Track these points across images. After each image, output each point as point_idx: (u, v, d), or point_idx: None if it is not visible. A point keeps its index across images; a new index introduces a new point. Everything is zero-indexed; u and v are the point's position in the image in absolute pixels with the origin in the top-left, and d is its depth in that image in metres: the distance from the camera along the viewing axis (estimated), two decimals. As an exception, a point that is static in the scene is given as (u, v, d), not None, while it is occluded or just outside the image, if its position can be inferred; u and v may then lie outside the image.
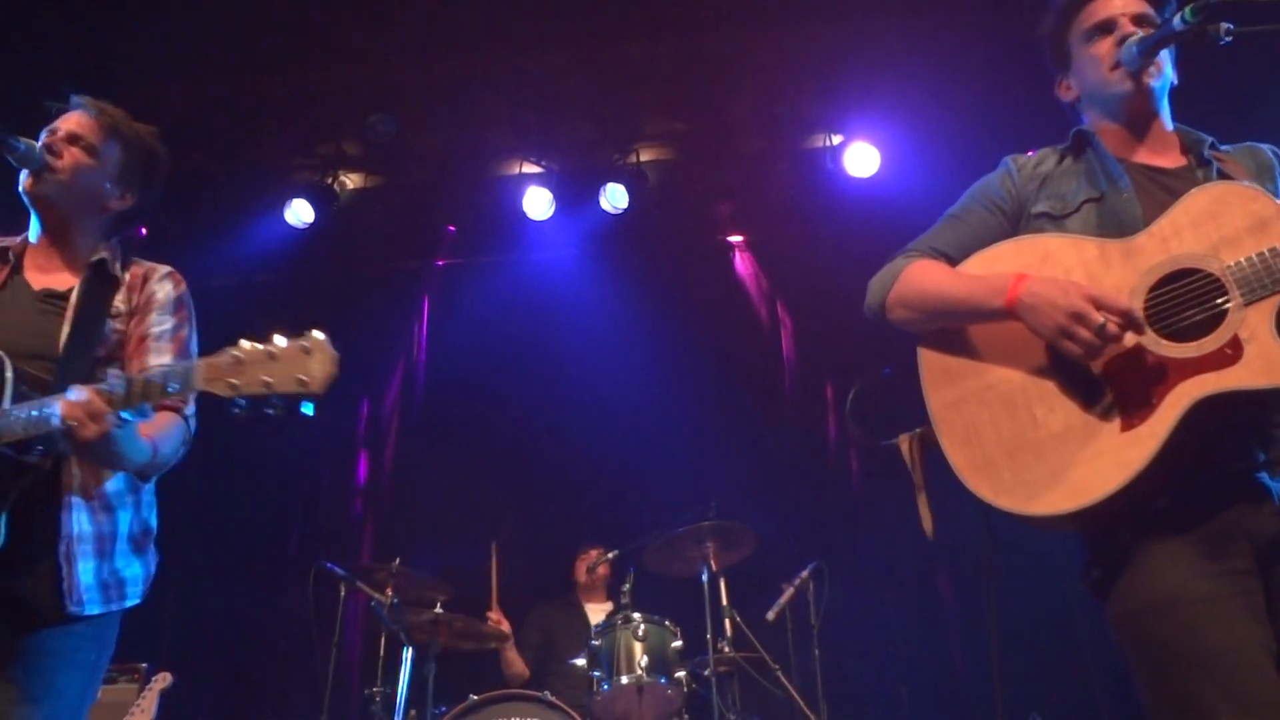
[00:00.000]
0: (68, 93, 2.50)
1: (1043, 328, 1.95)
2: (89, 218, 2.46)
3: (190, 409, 2.31)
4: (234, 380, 1.85)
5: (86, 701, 2.21)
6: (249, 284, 6.93)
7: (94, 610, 2.17)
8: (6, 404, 2.07)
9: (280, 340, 1.86)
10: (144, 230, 6.57)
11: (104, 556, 2.21)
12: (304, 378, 1.83)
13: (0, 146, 2.28)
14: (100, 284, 2.39)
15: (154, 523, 2.39)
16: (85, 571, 2.16)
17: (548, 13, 5.90)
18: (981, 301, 2.06)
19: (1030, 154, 2.33)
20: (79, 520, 2.18)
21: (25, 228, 2.51)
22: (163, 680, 4.56)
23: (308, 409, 1.86)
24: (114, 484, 2.26)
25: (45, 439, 2.03)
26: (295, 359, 1.84)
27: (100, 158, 2.43)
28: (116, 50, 5.72)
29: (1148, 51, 2.11)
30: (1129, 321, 1.89)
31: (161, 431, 2.22)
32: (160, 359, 2.32)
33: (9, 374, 2.11)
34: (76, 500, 2.18)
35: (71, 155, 2.39)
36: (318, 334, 1.87)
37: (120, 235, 2.56)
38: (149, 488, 2.38)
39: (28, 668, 2.08)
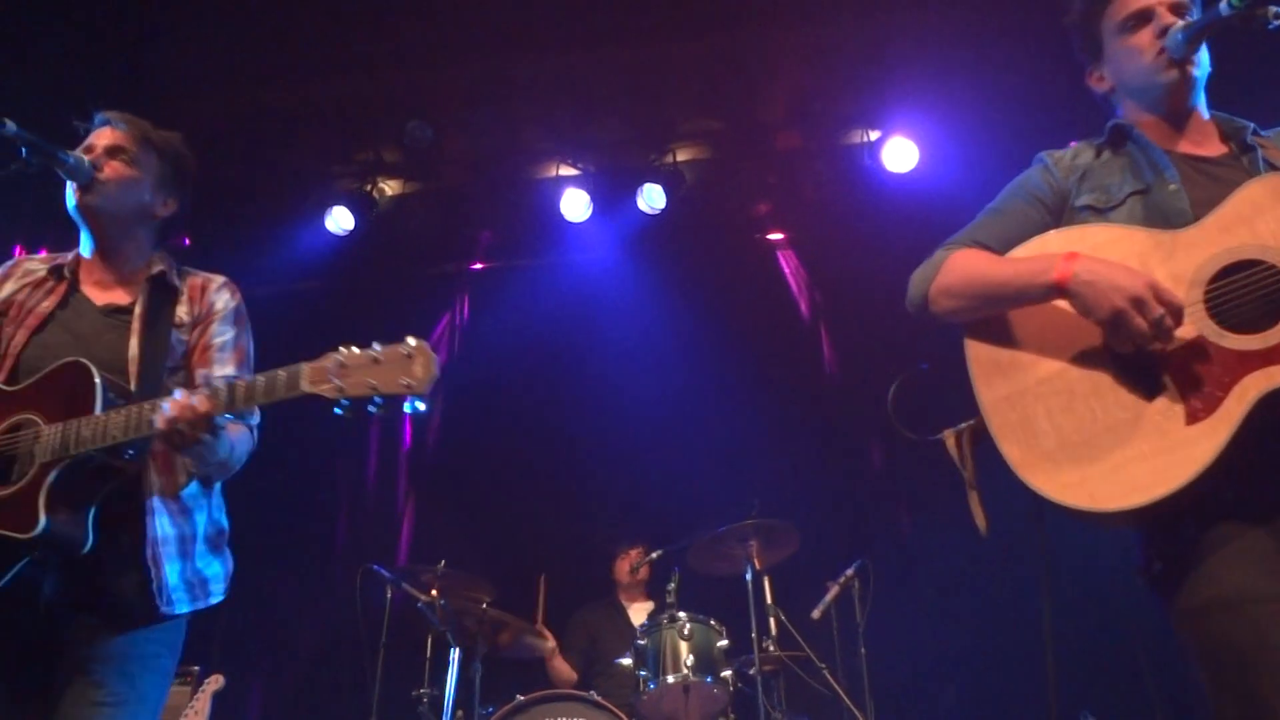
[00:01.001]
0: (92, 111, 2.56)
1: (1097, 307, 1.89)
2: (138, 227, 2.52)
3: (255, 419, 2.40)
4: (339, 383, 1.97)
5: (161, 705, 2.29)
6: (292, 292, 7.01)
7: (183, 609, 2.27)
8: (99, 411, 2.14)
9: (379, 346, 1.99)
10: (187, 240, 6.68)
11: (186, 557, 2.29)
12: (408, 380, 1.95)
13: (50, 160, 2.32)
14: (162, 296, 2.45)
15: (225, 523, 2.46)
16: (171, 572, 2.24)
17: (581, 15, 5.92)
18: (1029, 280, 2.01)
19: (1063, 149, 2.28)
20: (161, 524, 2.25)
21: (63, 246, 2.57)
22: (215, 683, 4.63)
23: (415, 407, 1.98)
24: (188, 488, 2.33)
25: (138, 442, 2.13)
26: (398, 363, 1.96)
27: (141, 167, 2.49)
28: (155, 63, 5.82)
29: (1193, 39, 2.07)
30: (1179, 321, 1.85)
31: (236, 435, 2.31)
32: (224, 369, 2.41)
33: (97, 381, 2.17)
34: (158, 504, 2.26)
35: (114, 168, 2.44)
36: (415, 340, 1.99)
37: (167, 243, 2.62)
38: (218, 489, 2.45)
39: (115, 671, 2.15)
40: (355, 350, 1.99)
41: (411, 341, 1.98)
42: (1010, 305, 2.08)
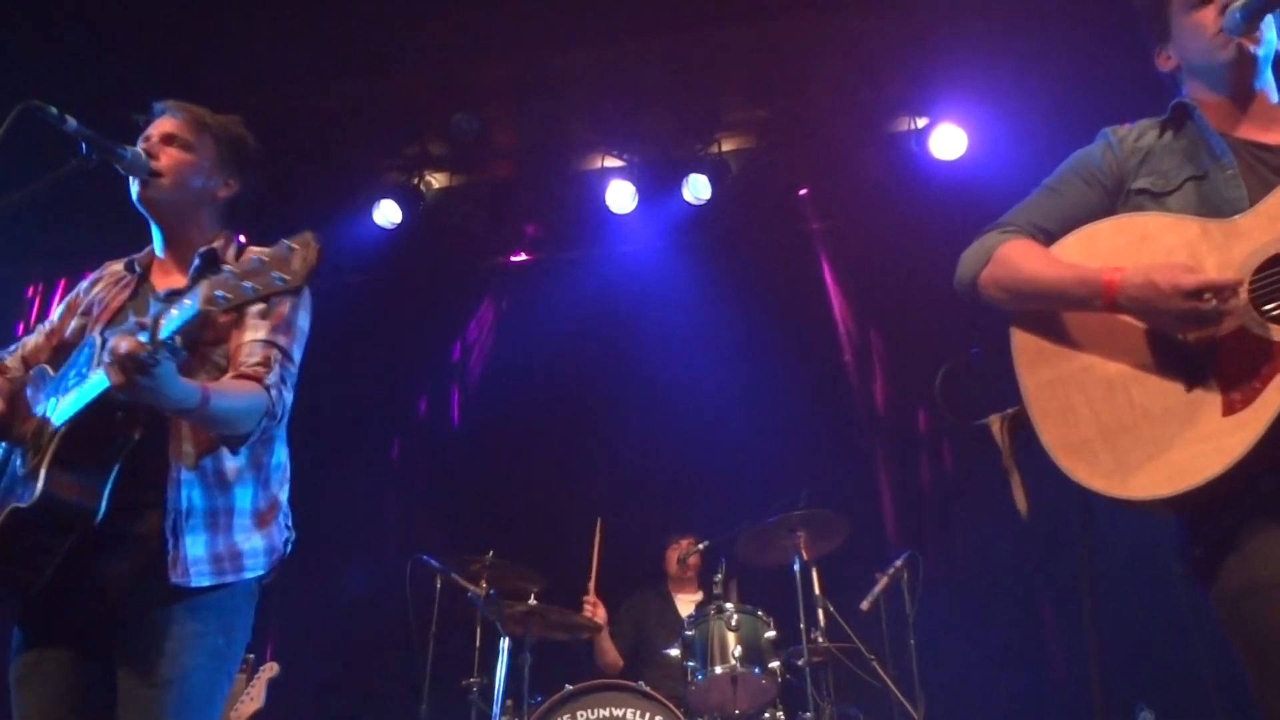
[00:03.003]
0: (149, 103, 2.60)
1: (1163, 326, 1.91)
2: (202, 211, 2.55)
3: (272, 378, 2.30)
4: (225, 294, 1.89)
5: (220, 687, 2.25)
6: (343, 285, 7.10)
7: (204, 582, 2.19)
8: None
9: (270, 249, 1.91)
10: (242, 238, 6.79)
11: (218, 529, 2.25)
12: (285, 275, 1.88)
13: (108, 156, 2.35)
14: (209, 271, 2.39)
15: (284, 498, 2.43)
16: (195, 545, 2.19)
17: (626, 6, 5.92)
18: (1080, 300, 2.02)
19: (1129, 125, 2.25)
20: (188, 495, 2.21)
21: (135, 246, 2.61)
22: (270, 670, 4.68)
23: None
24: (233, 461, 2.29)
25: (104, 399, 2.06)
26: (280, 261, 1.89)
27: (196, 151, 2.52)
28: (204, 58, 5.89)
29: (1252, 16, 2.03)
30: (1234, 293, 1.84)
31: (224, 388, 2.22)
32: (256, 334, 2.36)
33: (99, 347, 2.14)
34: (187, 476, 2.22)
35: (169, 155, 2.48)
36: (308, 234, 1.92)
37: (238, 221, 2.64)
38: (276, 464, 2.42)
39: (157, 651, 2.14)
40: (250, 256, 1.92)
41: (305, 236, 1.91)
42: (1060, 308, 2.09)
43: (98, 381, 2.06)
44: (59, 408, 2.17)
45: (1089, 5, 5.37)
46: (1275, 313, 1.84)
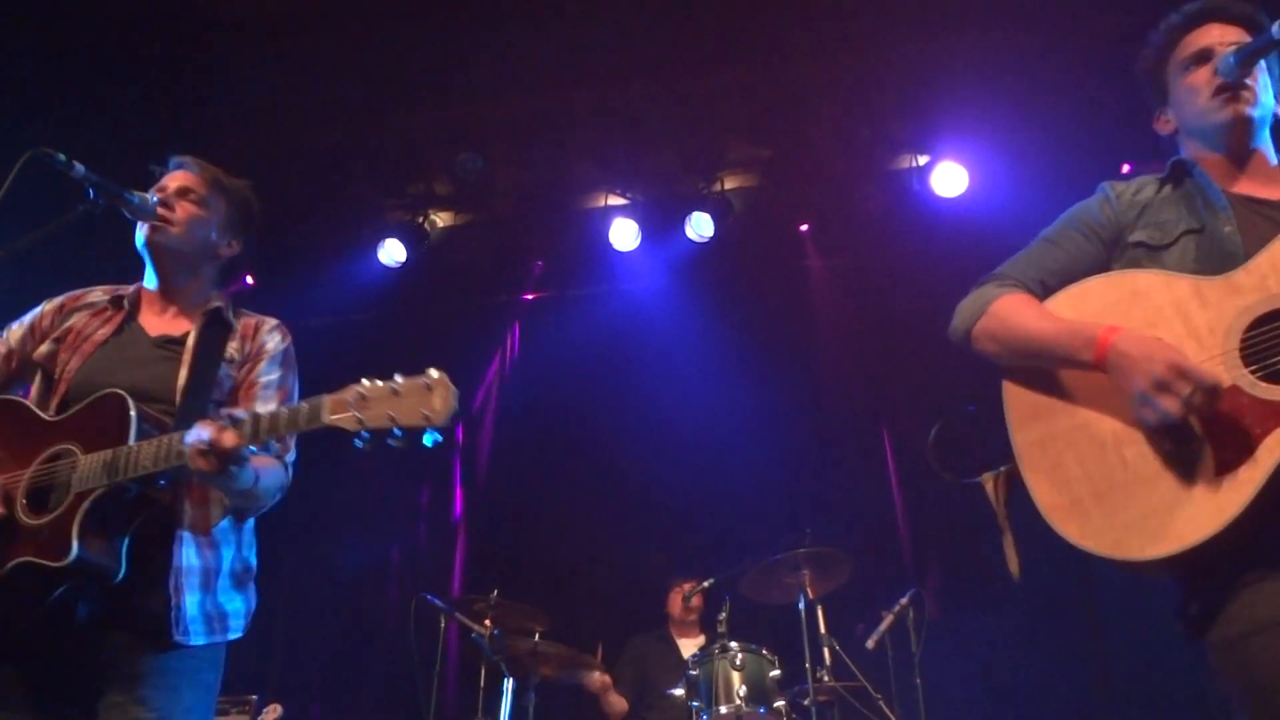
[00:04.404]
0: (166, 156, 2.66)
1: (1128, 387, 1.88)
2: (202, 265, 2.60)
3: (291, 457, 2.42)
4: (359, 415, 1.97)
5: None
6: (345, 323, 7.12)
7: (199, 641, 2.26)
8: (132, 442, 2.18)
9: (400, 378, 1.98)
10: (250, 278, 6.84)
11: (208, 590, 2.31)
12: (428, 412, 1.95)
13: (116, 200, 2.39)
14: (215, 330, 2.52)
15: (254, 561, 2.48)
16: (191, 604, 2.26)
17: (628, 44, 5.98)
18: (1071, 353, 1.99)
19: (1128, 180, 2.24)
20: (187, 554, 2.28)
21: (132, 280, 2.63)
22: (274, 711, 4.68)
23: (430, 440, 1.98)
24: (220, 524, 2.36)
25: (170, 473, 2.16)
26: (418, 395, 1.96)
27: (209, 208, 2.57)
28: (213, 100, 5.96)
29: (1245, 61, 2.04)
30: (1214, 396, 1.81)
31: (263, 467, 2.31)
32: (266, 407, 2.42)
33: (133, 414, 2.21)
34: (186, 535, 2.29)
35: (184, 208, 2.53)
36: (436, 372, 1.99)
37: (230, 283, 2.70)
38: (249, 527, 2.48)
39: (154, 685, 2.18)
40: (376, 382, 1.99)
41: (433, 373, 1.99)
42: (1052, 365, 2.07)
43: (164, 453, 2.13)
44: (84, 469, 2.18)
45: (1088, 44, 5.43)
46: (1266, 372, 1.82)
